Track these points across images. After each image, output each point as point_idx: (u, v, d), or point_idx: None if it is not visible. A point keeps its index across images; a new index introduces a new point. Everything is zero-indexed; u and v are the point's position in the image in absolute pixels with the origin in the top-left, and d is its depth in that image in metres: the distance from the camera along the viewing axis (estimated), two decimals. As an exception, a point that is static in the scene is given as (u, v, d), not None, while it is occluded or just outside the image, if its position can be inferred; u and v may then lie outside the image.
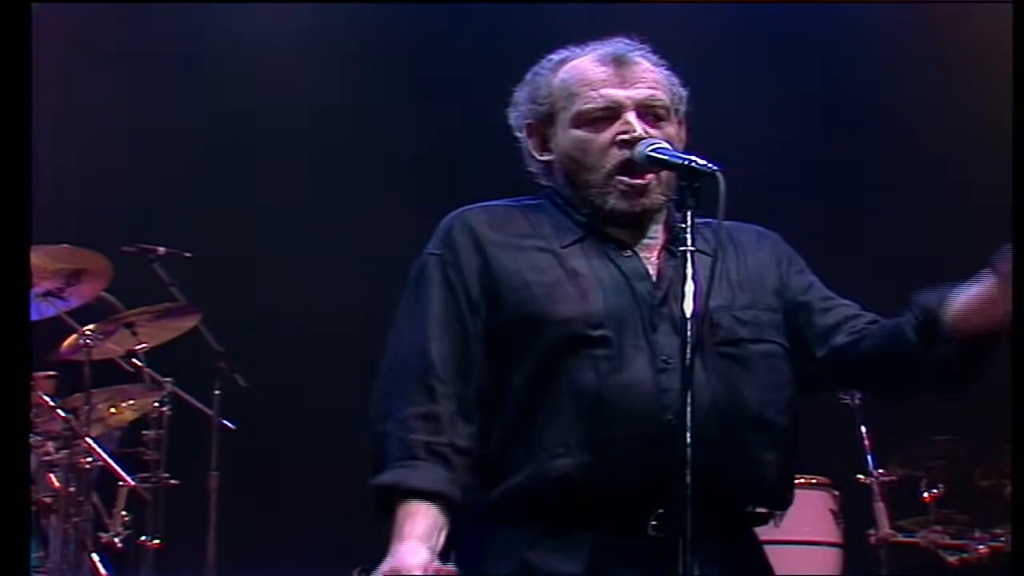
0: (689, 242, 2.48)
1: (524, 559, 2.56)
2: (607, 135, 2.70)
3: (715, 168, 2.51)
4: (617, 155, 2.68)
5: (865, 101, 7.28)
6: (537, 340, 2.61)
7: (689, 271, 2.45)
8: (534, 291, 2.64)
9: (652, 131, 2.70)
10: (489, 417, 2.66)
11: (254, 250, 7.22)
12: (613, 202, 2.68)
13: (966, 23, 7.03)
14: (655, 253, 2.73)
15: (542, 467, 2.56)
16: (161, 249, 6.14)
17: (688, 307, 2.42)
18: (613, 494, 2.55)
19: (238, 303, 6.82)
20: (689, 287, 2.43)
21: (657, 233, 2.76)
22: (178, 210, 6.94)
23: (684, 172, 2.55)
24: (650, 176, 2.67)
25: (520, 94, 2.86)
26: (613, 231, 2.74)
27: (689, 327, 2.42)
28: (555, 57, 2.85)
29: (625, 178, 2.68)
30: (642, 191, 2.68)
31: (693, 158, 2.55)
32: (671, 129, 2.76)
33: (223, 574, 5.95)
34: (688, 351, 2.40)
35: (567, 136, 2.75)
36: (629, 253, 2.71)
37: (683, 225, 2.50)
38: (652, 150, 2.61)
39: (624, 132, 2.69)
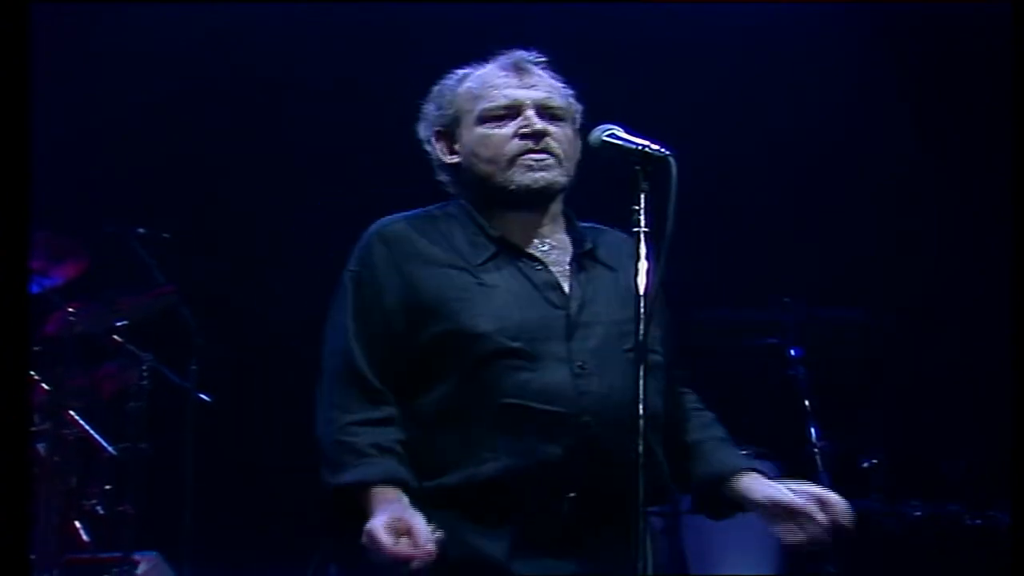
0: (642, 224, 2.59)
1: (454, 537, 2.67)
2: (508, 129, 2.87)
3: (667, 153, 2.62)
4: (517, 145, 2.85)
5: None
6: (458, 355, 2.74)
7: (642, 250, 2.56)
8: (452, 307, 2.76)
9: (551, 127, 2.88)
10: (409, 419, 2.79)
11: (233, 232, 7.32)
12: (518, 179, 2.85)
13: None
14: (565, 266, 2.89)
15: (470, 471, 2.70)
16: (141, 230, 6.27)
17: (642, 284, 2.54)
18: (535, 491, 2.70)
19: (216, 283, 6.95)
20: (643, 265, 2.55)
21: (563, 243, 2.94)
22: (159, 192, 7.04)
23: (637, 156, 2.64)
24: (547, 154, 2.85)
25: (427, 107, 3.03)
26: (514, 230, 2.88)
27: (642, 304, 2.53)
28: (459, 72, 3.02)
29: (524, 155, 2.84)
30: (542, 166, 2.85)
31: (646, 143, 2.65)
32: (568, 131, 2.94)
33: (198, 540, 6.05)
34: (642, 327, 2.51)
35: (471, 134, 2.91)
36: (540, 266, 2.86)
37: (636, 207, 2.60)
38: (607, 135, 2.73)
39: (525, 126, 2.86)
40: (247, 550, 6.70)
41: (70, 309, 5.83)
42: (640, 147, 2.66)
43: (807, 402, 5.76)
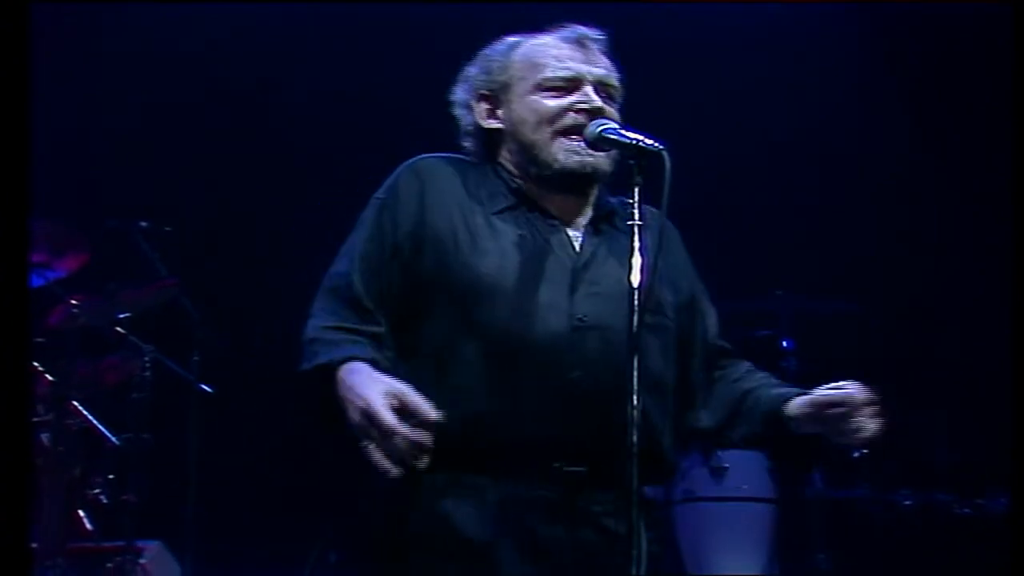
0: (636, 217, 2.53)
1: (434, 513, 2.65)
2: (565, 101, 2.82)
3: (661, 147, 2.57)
4: (571, 119, 2.80)
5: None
6: (459, 291, 2.70)
7: (636, 243, 2.51)
8: (460, 245, 2.74)
9: (606, 107, 2.83)
10: (401, 354, 2.75)
11: (233, 230, 7.38)
12: (563, 159, 2.80)
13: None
14: (580, 230, 2.86)
15: (451, 410, 2.55)
16: (143, 223, 6.28)
17: (636, 278, 2.48)
18: (514, 442, 2.63)
19: (216, 276, 6.99)
20: (636, 259, 2.49)
21: (586, 211, 2.90)
22: (161, 189, 7.09)
23: (632, 150, 2.62)
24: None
25: (470, 70, 2.97)
26: (547, 202, 2.85)
27: (636, 297, 2.47)
28: (510, 40, 2.96)
29: (571, 138, 2.80)
30: (589, 151, 2.79)
31: (641, 137, 2.62)
32: (615, 110, 2.89)
33: (200, 529, 6.12)
34: (635, 320, 2.46)
35: (524, 101, 2.86)
36: (555, 222, 2.83)
37: (631, 200, 2.56)
38: (602, 130, 2.72)
39: (583, 101, 2.81)
40: (249, 539, 6.74)
41: (73, 301, 5.87)
42: (635, 141, 2.64)
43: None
